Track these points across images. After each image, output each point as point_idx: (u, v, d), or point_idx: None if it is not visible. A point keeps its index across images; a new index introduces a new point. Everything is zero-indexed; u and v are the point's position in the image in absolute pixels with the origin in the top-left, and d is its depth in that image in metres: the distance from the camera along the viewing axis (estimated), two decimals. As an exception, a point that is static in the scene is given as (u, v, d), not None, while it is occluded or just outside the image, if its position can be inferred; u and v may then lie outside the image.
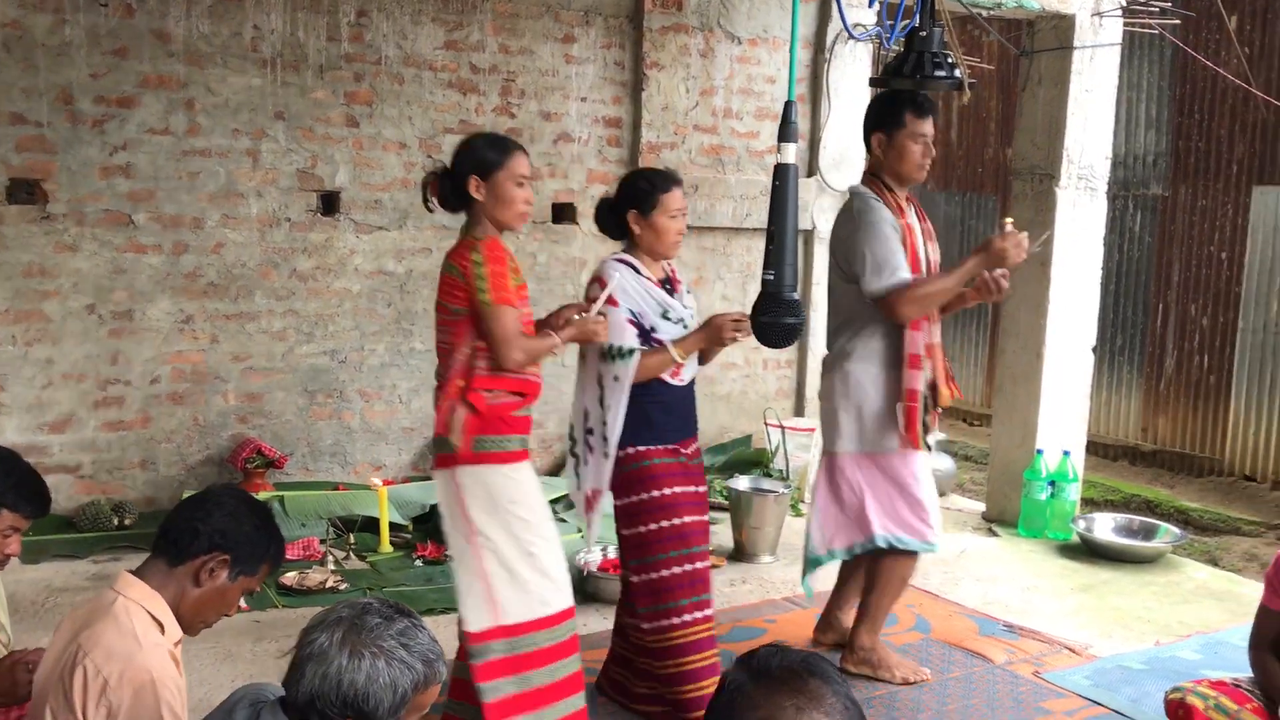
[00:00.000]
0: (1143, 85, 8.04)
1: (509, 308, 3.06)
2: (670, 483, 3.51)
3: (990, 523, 6.05)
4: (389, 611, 1.88)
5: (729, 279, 6.91)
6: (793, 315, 3.35)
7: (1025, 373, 5.89)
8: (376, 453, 5.98)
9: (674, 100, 6.50)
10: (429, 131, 5.91)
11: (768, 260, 3.32)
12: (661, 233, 3.50)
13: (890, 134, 3.78)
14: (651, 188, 3.52)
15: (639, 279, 3.50)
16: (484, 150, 3.16)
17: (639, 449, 3.50)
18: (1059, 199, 5.73)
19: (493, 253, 3.07)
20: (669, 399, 3.54)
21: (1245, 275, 7.46)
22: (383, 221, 5.86)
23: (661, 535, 3.50)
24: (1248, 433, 7.42)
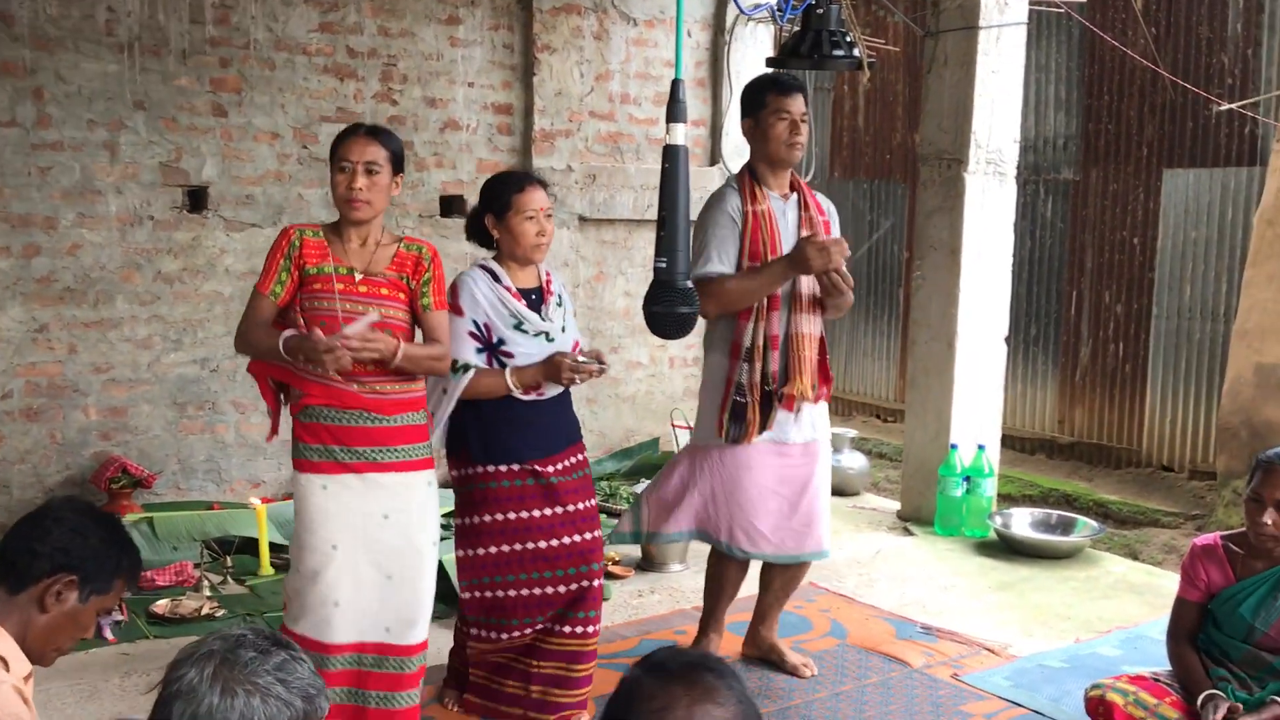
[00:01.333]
0: (1051, 66, 8.26)
1: (257, 294, 3.29)
2: (518, 506, 3.56)
3: (905, 521, 6.16)
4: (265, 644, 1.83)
5: (631, 274, 6.93)
6: (686, 304, 3.38)
7: (937, 365, 6.01)
8: (254, 468, 5.87)
9: (567, 85, 6.50)
10: (304, 120, 5.83)
11: (659, 247, 3.35)
12: (518, 236, 3.55)
13: (756, 117, 3.89)
14: (503, 189, 3.58)
15: (494, 287, 3.54)
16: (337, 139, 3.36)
17: (483, 469, 3.56)
18: (967, 185, 5.85)
19: (276, 240, 3.32)
20: (523, 415, 3.58)
21: (1158, 260, 7.71)
22: (255, 218, 5.76)
23: (506, 560, 3.56)
24: (1164, 423, 7.66)
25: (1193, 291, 7.53)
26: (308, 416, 3.28)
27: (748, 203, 3.84)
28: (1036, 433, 8.48)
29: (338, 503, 3.27)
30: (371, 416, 3.28)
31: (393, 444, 3.31)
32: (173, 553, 5.10)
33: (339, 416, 3.27)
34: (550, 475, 3.59)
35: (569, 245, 6.60)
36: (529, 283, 3.63)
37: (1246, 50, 7.07)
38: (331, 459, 3.26)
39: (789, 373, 3.86)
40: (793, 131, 3.83)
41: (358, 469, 3.28)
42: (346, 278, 3.27)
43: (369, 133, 3.31)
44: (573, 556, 3.62)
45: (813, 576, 5.13)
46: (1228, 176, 7.28)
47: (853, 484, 6.75)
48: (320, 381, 3.24)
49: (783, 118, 3.82)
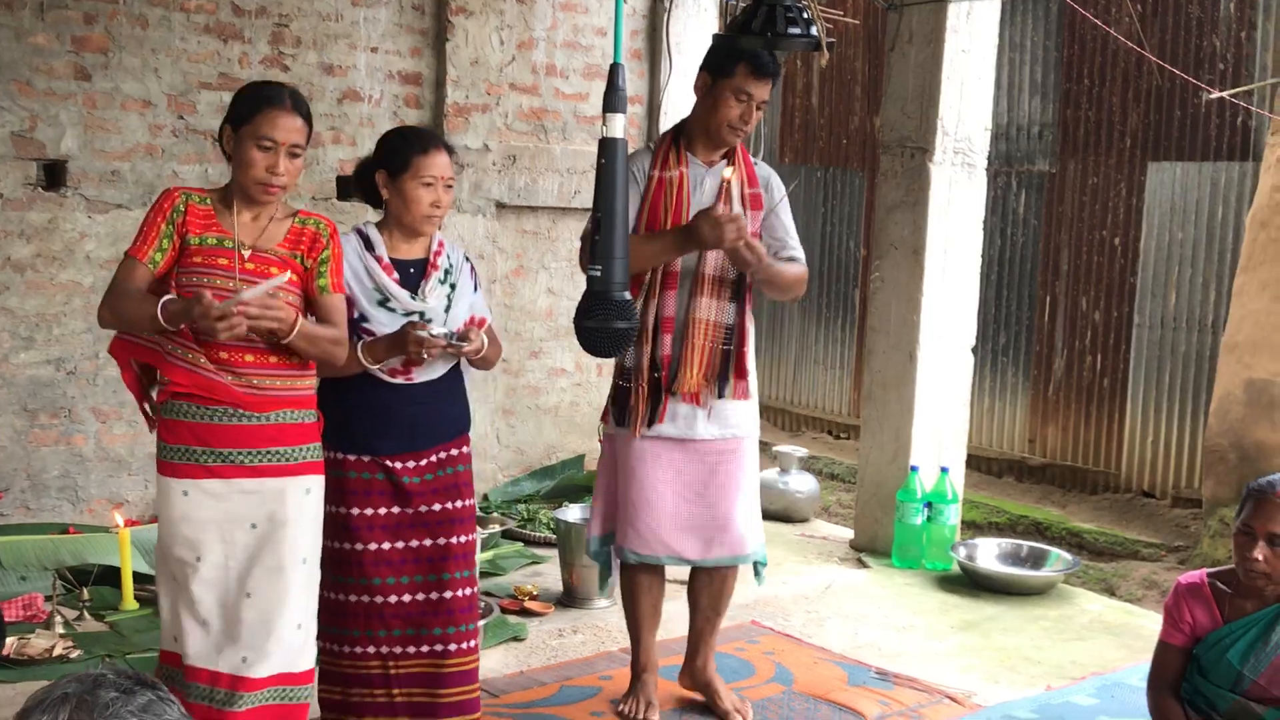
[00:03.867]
0: (1026, 46, 8.39)
1: (131, 260, 3.24)
2: (362, 501, 3.59)
3: (859, 552, 6.20)
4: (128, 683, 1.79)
5: (555, 269, 6.92)
6: (624, 318, 3.36)
7: (897, 377, 6.06)
8: (116, 486, 5.77)
9: (485, 54, 6.48)
10: (180, 86, 5.75)
11: (593, 253, 3.33)
12: (410, 202, 3.57)
13: (715, 79, 3.90)
14: (404, 146, 3.60)
15: (363, 256, 3.57)
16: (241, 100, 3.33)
17: (333, 454, 3.59)
18: (933, 176, 5.92)
19: (158, 200, 3.29)
20: (385, 401, 3.60)
21: (1140, 263, 7.85)
22: (122, 198, 5.67)
23: (345, 558, 3.61)
24: (1145, 443, 7.80)
25: (1178, 299, 7.68)
26: (170, 411, 3.26)
27: (656, 167, 3.91)
28: (1005, 453, 8.59)
29: (200, 510, 3.25)
30: (242, 414, 3.26)
31: (264, 445, 3.29)
32: (20, 584, 5.01)
33: (203, 413, 3.24)
34: (403, 474, 3.61)
35: (485, 235, 6.57)
36: (413, 254, 3.65)
37: (1240, 33, 7.23)
38: (193, 461, 3.24)
39: (681, 361, 3.91)
40: (744, 116, 3.86)
41: (222, 473, 3.25)
42: (232, 253, 3.25)
43: (294, 105, 3.28)
44: (421, 563, 3.64)
45: (756, 614, 5.16)
46: (1218, 171, 7.44)
47: (800, 509, 6.79)
48: (189, 368, 3.22)
49: (741, 99, 3.84)
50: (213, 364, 3.22)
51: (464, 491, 3.74)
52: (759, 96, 3.85)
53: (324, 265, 3.36)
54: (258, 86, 3.34)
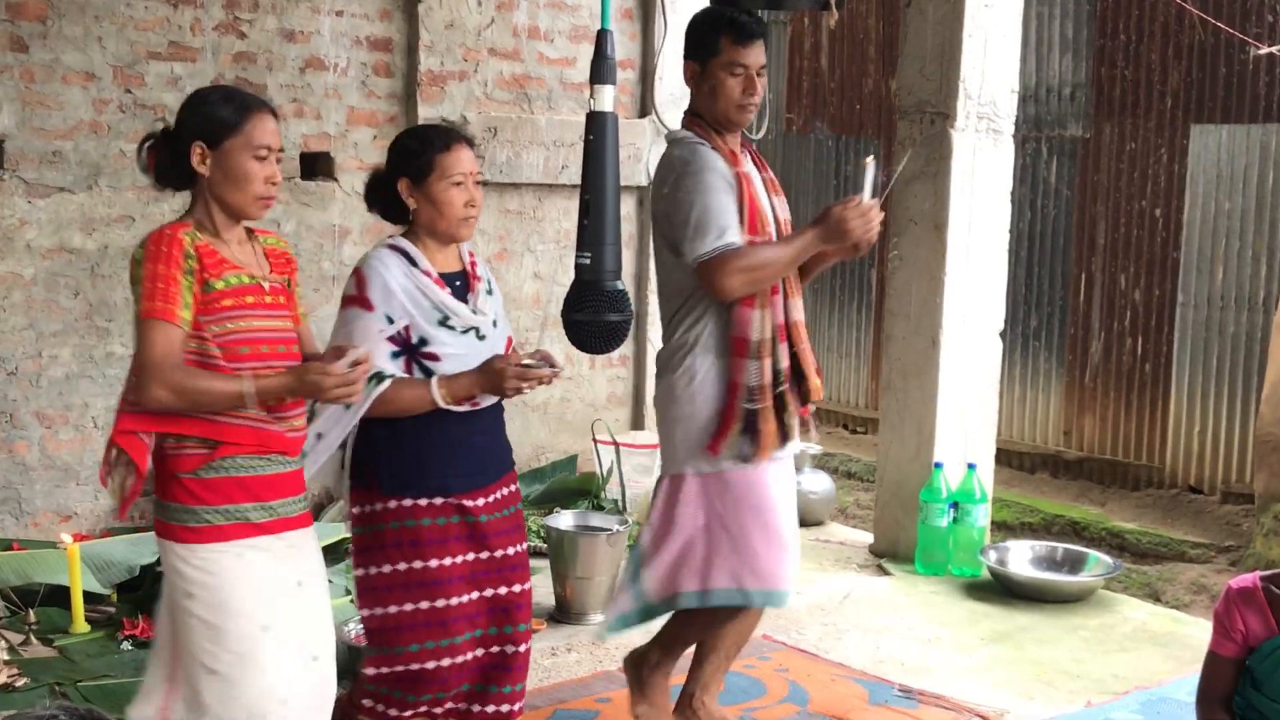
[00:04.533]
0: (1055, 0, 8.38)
1: (163, 325, 3.02)
2: (439, 551, 3.50)
3: (880, 558, 6.20)
4: (78, 721, 1.80)
5: (542, 252, 6.91)
6: (616, 310, 3.36)
7: (918, 365, 6.05)
8: (63, 497, 5.76)
9: (461, 15, 6.46)
10: (127, 57, 5.73)
11: (582, 238, 3.32)
12: (443, 206, 3.49)
13: (703, 64, 3.85)
14: (423, 147, 3.51)
15: (411, 274, 3.47)
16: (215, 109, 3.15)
17: (396, 503, 3.49)
18: (955, 144, 5.91)
19: (158, 247, 3.05)
20: (452, 434, 3.51)
21: (1184, 236, 7.85)
22: (65, 180, 5.65)
23: (422, 620, 3.50)
24: (1191, 434, 7.81)
25: (1226, 274, 7.67)
26: (214, 471, 3.12)
27: (731, 164, 3.81)
28: (1038, 447, 8.59)
29: (258, 572, 3.16)
30: (283, 460, 3.21)
31: (298, 492, 3.26)
32: (-42, 605, 4.99)
33: (254, 464, 3.16)
34: (479, 512, 3.54)
35: (464, 216, 6.56)
36: (450, 266, 3.57)
37: (1290, -18, 7.22)
38: (243, 520, 3.14)
39: (802, 369, 3.88)
40: (747, 90, 3.80)
41: (271, 528, 3.19)
42: (255, 288, 3.16)
43: (269, 108, 3.21)
44: (497, 613, 3.57)
45: (767, 628, 5.15)
46: (1268, 134, 7.43)
47: (815, 511, 6.78)
48: (251, 425, 3.13)
49: (736, 72, 3.79)
50: (269, 414, 3.15)
51: (524, 533, 3.71)
52: (754, 63, 3.81)
53: (299, 288, 3.35)
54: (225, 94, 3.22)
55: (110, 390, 5.79)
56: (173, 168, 3.16)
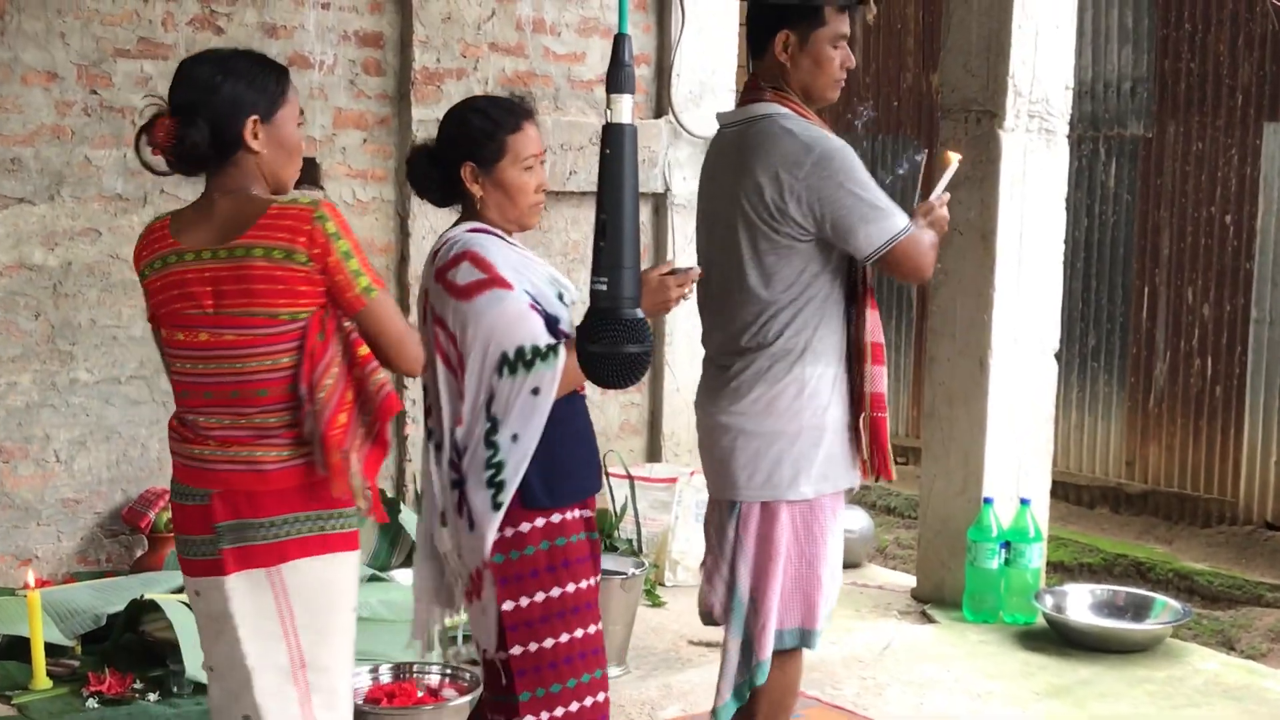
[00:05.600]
0: (1113, -15, 8.38)
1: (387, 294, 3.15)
2: (588, 570, 3.49)
3: (924, 603, 6.17)
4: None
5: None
6: (635, 341, 3.34)
7: (965, 389, 6.03)
8: (22, 538, 5.76)
9: (459, 7, 6.47)
10: (93, 55, 5.75)
11: (598, 262, 3.31)
12: (515, 192, 3.48)
13: (804, 34, 3.79)
14: (492, 125, 3.49)
15: (518, 252, 3.48)
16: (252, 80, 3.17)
17: (549, 518, 3.43)
18: (1004, 145, 5.89)
19: (342, 219, 3.07)
20: (583, 422, 3.54)
21: (1258, 246, 7.82)
22: (24, 190, 5.67)
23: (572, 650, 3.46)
24: (1267, 464, 7.77)
25: (1304, 288, 7.64)
26: None
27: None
28: (1097, 479, 8.56)
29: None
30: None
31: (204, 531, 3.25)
32: (-92, 658, 4.99)
33: None
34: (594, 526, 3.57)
35: (462, 227, 6.56)
36: None
37: (1372, -35, 7.21)
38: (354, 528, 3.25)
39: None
40: (845, 64, 3.82)
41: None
42: None
43: None
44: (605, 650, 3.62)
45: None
46: (1349, 134, 7.41)
47: (852, 552, 6.69)
48: None
49: (839, 45, 3.79)
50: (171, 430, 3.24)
51: None
52: (851, 34, 3.85)
53: None
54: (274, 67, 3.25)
55: (74, 420, 5.78)
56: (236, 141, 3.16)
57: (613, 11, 6.91)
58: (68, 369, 5.79)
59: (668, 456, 7.07)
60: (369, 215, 6.37)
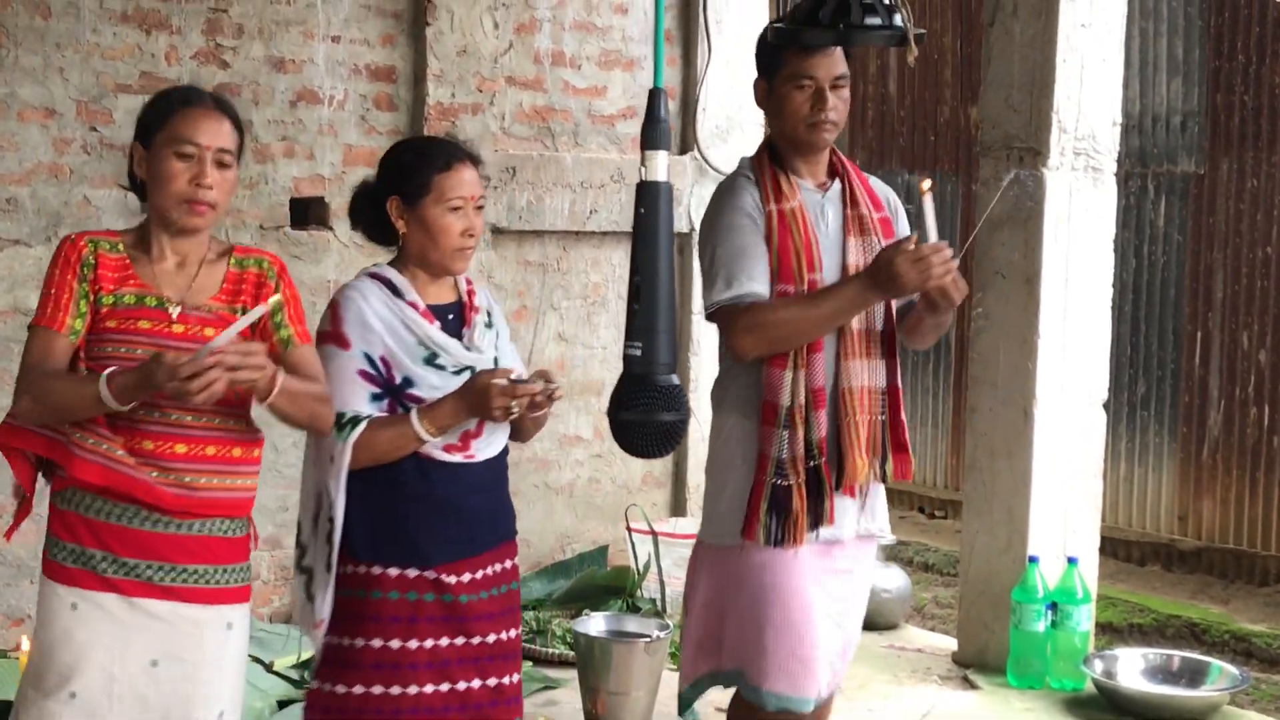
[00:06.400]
0: (1163, 14, 8.38)
1: (46, 331, 3.21)
2: (405, 633, 3.53)
3: (965, 668, 6.14)
4: None
5: (567, 309, 6.92)
6: (670, 408, 3.36)
7: (1008, 441, 6.01)
8: (15, 598, 5.80)
9: (476, 40, 6.51)
10: (92, 90, 5.80)
11: (632, 326, 3.32)
12: (438, 234, 3.56)
13: (770, 80, 3.89)
14: (422, 163, 3.58)
15: (393, 305, 3.54)
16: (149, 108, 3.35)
17: (366, 570, 3.54)
18: (1048, 184, 5.89)
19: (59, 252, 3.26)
20: (437, 489, 3.56)
21: (1316, 288, 7.80)
22: (20, 232, 5.71)
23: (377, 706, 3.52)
24: (1328, 518, 7.73)
25: (1366, 333, 7.62)
26: (65, 501, 3.25)
27: (770, 199, 3.82)
28: (1147, 535, 8.52)
29: (87, 631, 3.23)
30: (160, 519, 3.24)
31: (184, 561, 3.27)
32: (-106, 725, 4.99)
33: (109, 510, 3.22)
34: (460, 591, 3.57)
35: (478, 267, 6.57)
36: (444, 297, 3.64)
37: None
38: (89, 567, 3.22)
39: (841, 443, 3.82)
40: (817, 105, 3.79)
41: (125, 589, 3.23)
42: (157, 312, 3.25)
43: (218, 104, 3.33)
44: (467, 710, 3.59)
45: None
46: None
47: (889, 613, 6.73)
48: (103, 464, 3.19)
49: (803, 85, 3.79)
50: (133, 456, 3.19)
51: (518, 617, 3.74)
52: (822, 75, 3.79)
53: (279, 314, 3.36)
54: (169, 90, 3.39)
55: (70, 473, 5.81)
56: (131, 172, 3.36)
57: (635, 44, 6.96)
58: (64, 419, 5.81)
59: (692, 510, 7.06)
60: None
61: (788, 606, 3.84)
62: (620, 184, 6.85)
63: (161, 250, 3.30)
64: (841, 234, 3.87)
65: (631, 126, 6.95)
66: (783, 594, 3.84)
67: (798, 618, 3.85)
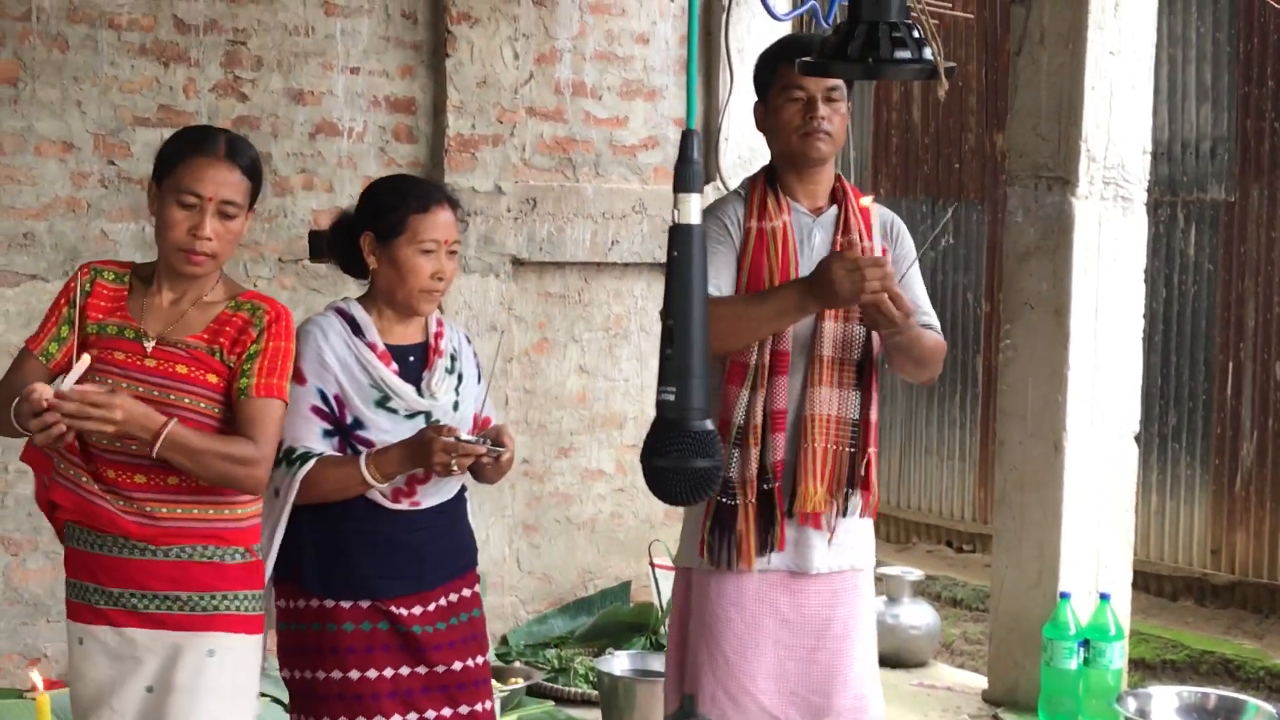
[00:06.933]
0: (1191, 40, 8.37)
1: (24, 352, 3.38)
2: (362, 662, 3.58)
3: (996, 706, 6.11)
4: None
5: (589, 341, 6.92)
6: (704, 455, 3.34)
7: (1038, 475, 5.99)
8: (31, 636, 5.80)
9: (496, 71, 6.52)
10: (110, 124, 5.82)
11: (665, 371, 3.32)
12: (405, 274, 3.61)
13: (766, 98, 3.93)
14: (397, 200, 3.64)
15: (352, 343, 3.60)
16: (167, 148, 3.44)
17: (319, 603, 3.60)
18: (1077, 214, 5.88)
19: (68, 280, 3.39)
20: (383, 531, 3.63)
21: (1349, 317, 7.77)
22: (37, 267, 5.73)
23: None
24: (1364, 551, 7.69)
25: (1401, 363, 7.59)
26: (67, 538, 3.37)
27: (753, 216, 3.87)
28: (1180, 568, 8.48)
29: (92, 667, 3.33)
30: (134, 546, 3.31)
31: (162, 587, 3.32)
32: (-91, 768, 5.01)
33: (95, 541, 3.32)
34: (411, 623, 3.62)
35: (498, 300, 6.58)
36: (409, 338, 3.70)
37: None
38: (87, 600, 3.34)
39: (797, 470, 3.83)
40: (808, 114, 3.81)
41: (115, 619, 3.32)
42: (132, 344, 3.31)
43: (229, 153, 3.35)
44: None
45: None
46: None
47: (917, 650, 6.70)
48: (72, 489, 3.30)
49: (795, 97, 3.82)
50: (98, 484, 3.28)
51: (483, 644, 3.78)
52: (813, 86, 3.81)
53: (251, 362, 3.37)
54: (185, 131, 3.46)
55: (87, 510, 5.82)
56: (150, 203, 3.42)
57: (656, 74, 6.97)
58: (81, 455, 5.83)
59: (717, 546, 7.06)
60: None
61: (734, 633, 3.86)
62: (642, 215, 6.85)
63: (159, 286, 3.38)
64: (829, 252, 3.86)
65: (653, 157, 6.97)
66: (729, 620, 3.87)
67: (741, 646, 3.86)
